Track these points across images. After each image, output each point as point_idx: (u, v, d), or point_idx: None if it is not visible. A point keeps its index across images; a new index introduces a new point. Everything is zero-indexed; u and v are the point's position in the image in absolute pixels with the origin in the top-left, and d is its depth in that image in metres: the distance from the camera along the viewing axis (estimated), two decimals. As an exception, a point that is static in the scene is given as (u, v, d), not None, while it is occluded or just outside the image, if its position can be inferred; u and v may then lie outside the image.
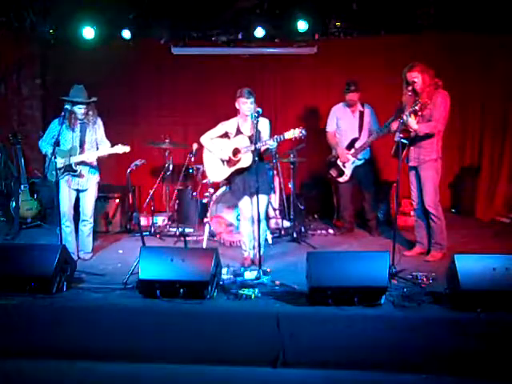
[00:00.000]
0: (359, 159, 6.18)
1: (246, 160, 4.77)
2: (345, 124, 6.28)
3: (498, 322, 3.61)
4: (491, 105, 7.29)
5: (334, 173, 6.31)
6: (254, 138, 4.66)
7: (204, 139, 5.08)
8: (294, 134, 4.54)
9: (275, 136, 4.65)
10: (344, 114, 6.31)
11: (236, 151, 4.87)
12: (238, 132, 4.90)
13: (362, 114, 6.21)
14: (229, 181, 5.16)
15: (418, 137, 4.98)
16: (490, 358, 3.52)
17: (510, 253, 4.01)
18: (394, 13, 6.55)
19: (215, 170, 5.06)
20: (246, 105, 4.77)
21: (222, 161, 4.99)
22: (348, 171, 6.21)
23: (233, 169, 4.92)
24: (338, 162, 6.25)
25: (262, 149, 4.76)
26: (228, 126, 5.00)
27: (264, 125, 4.87)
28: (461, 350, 3.55)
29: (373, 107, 6.27)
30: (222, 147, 4.99)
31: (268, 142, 4.65)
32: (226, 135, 5.06)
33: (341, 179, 6.27)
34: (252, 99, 4.77)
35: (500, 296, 3.68)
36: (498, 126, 7.29)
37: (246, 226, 4.99)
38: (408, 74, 4.95)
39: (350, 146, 6.19)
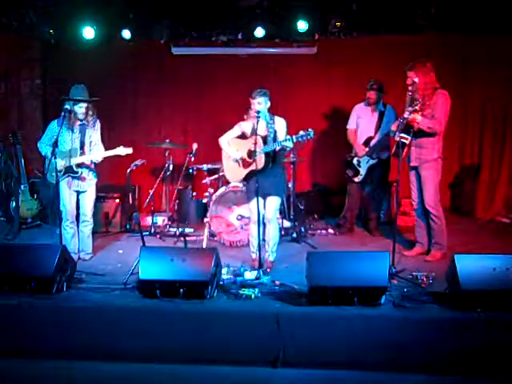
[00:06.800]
0: (373, 158, 6.18)
1: (259, 162, 4.72)
2: (363, 122, 6.27)
3: (498, 322, 3.61)
4: (491, 105, 7.29)
5: (350, 173, 6.30)
6: (255, 139, 4.63)
7: (222, 140, 5.05)
8: (309, 135, 4.51)
9: (288, 137, 4.62)
10: (364, 112, 6.29)
11: (250, 153, 4.83)
12: (254, 132, 4.82)
13: (381, 114, 6.19)
14: (245, 181, 5.14)
15: (418, 136, 4.98)
16: (490, 357, 3.52)
17: (510, 253, 4.01)
18: (393, 13, 6.53)
19: (232, 171, 5.05)
20: (253, 105, 4.77)
21: (237, 162, 4.98)
22: (363, 170, 6.21)
23: (247, 170, 4.90)
24: (354, 162, 6.25)
25: (277, 148, 4.74)
26: (245, 126, 5.00)
27: (280, 125, 4.86)
28: (461, 350, 3.55)
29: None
30: (239, 148, 4.98)
31: (284, 144, 4.63)
32: (243, 135, 5.05)
33: (356, 179, 6.27)
34: (259, 99, 4.74)
35: (500, 296, 3.68)
36: (498, 126, 7.29)
37: (255, 227, 4.88)
38: (408, 73, 4.96)
39: (365, 144, 6.19)
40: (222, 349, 3.68)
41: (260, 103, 4.74)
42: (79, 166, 5.11)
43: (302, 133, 4.50)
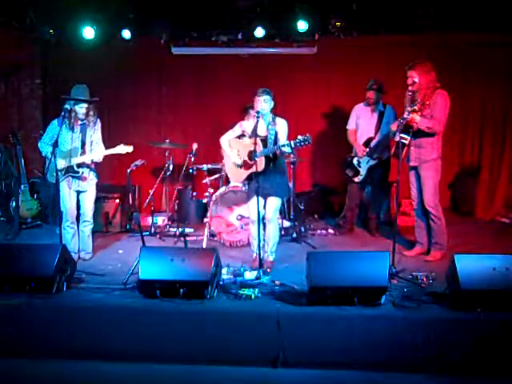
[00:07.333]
0: (374, 159, 6.17)
1: (259, 164, 4.70)
2: (363, 123, 6.26)
3: (498, 321, 3.61)
4: (491, 105, 7.29)
5: (350, 173, 6.29)
6: (254, 140, 4.61)
7: (222, 141, 5.02)
8: (307, 141, 4.42)
9: (287, 142, 4.56)
10: (363, 112, 6.28)
11: (251, 154, 4.79)
12: (254, 132, 4.72)
13: (381, 115, 6.18)
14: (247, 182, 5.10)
15: (418, 136, 4.98)
16: (490, 357, 3.52)
17: (510, 253, 4.01)
18: (393, 13, 6.54)
19: (234, 171, 5.03)
20: (258, 103, 4.71)
21: (238, 164, 4.96)
22: (363, 171, 6.21)
23: (248, 172, 4.87)
24: (354, 162, 6.25)
25: (277, 152, 4.70)
26: (245, 126, 4.97)
27: (281, 125, 4.80)
28: (461, 350, 3.55)
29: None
30: (240, 148, 4.96)
31: (283, 149, 4.56)
32: (244, 135, 5.02)
33: (356, 179, 6.26)
34: (265, 97, 4.69)
35: (500, 296, 3.68)
36: (498, 126, 7.29)
37: (254, 227, 4.85)
38: (408, 73, 4.96)
39: (366, 145, 6.17)
40: (222, 349, 3.68)
41: (266, 101, 4.70)
42: (80, 165, 5.10)
43: (300, 138, 4.43)
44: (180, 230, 6.19)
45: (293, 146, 4.48)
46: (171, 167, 6.49)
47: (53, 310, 3.88)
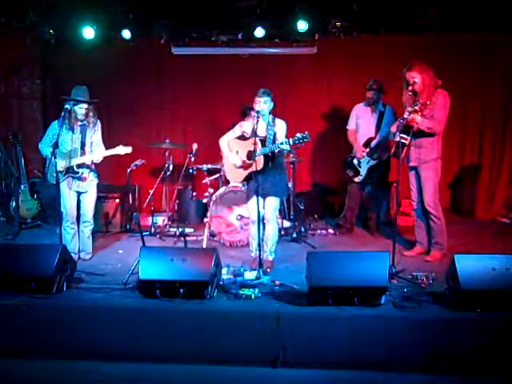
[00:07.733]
0: (374, 159, 6.17)
1: (258, 163, 4.71)
2: (363, 123, 6.26)
3: (498, 321, 3.61)
4: (491, 105, 7.29)
5: (350, 173, 6.30)
6: (254, 140, 4.60)
7: (221, 142, 5.04)
8: (305, 138, 4.44)
9: (285, 139, 4.55)
10: (363, 113, 6.28)
11: (250, 154, 4.80)
12: (254, 132, 4.73)
13: (381, 115, 6.18)
14: (245, 181, 5.10)
15: (418, 136, 4.97)
16: (490, 357, 3.52)
17: (510, 253, 4.01)
18: (393, 12, 6.55)
19: (233, 171, 5.04)
20: (257, 104, 4.72)
21: (237, 166, 4.95)
22: (363, 171, 6.21)
23: (247, 172, 4.88)
24: (354, 162, 6.25)
25: (276, 151, 4.71)
26: (245, 126, 4.99)
27: (280, 126, 4.82)
28: (461, 350, 3.55)
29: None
30: (239, 148, 4.97)
31: (281, 147, 4.56)
32: (244, 135, 5.01)
33: (356, 179, 6.27)
34: (265, 98, 4.71)
35: (500, 296, 3.68)
36: (498, 126, 7.30)
37: (254, 227, 4.86)
38: (407, 74, 4.95)
39: (366, 145, 6.18)
40: (222, 349, 3.68)
41: (265, 102, 4.72)
42: (80, 166, 5.11)
43: (298, 136, 4.44)
44: (180, 229, 6.19)
45: (291, 143, 4.48)
46: (171, 167, 6.49)
47: (53, 310, 3.88)
